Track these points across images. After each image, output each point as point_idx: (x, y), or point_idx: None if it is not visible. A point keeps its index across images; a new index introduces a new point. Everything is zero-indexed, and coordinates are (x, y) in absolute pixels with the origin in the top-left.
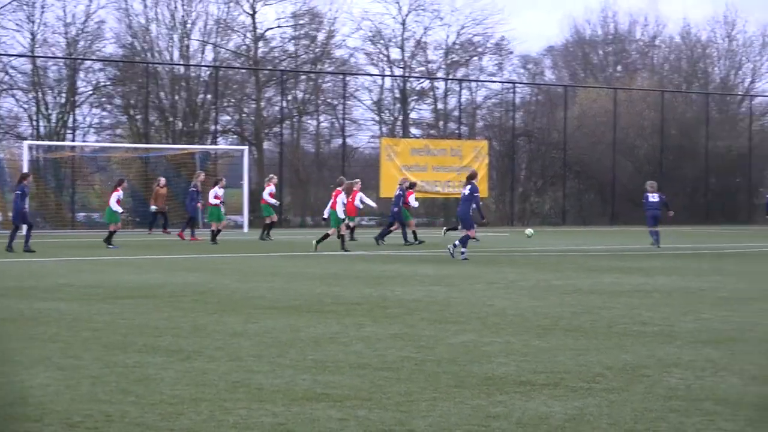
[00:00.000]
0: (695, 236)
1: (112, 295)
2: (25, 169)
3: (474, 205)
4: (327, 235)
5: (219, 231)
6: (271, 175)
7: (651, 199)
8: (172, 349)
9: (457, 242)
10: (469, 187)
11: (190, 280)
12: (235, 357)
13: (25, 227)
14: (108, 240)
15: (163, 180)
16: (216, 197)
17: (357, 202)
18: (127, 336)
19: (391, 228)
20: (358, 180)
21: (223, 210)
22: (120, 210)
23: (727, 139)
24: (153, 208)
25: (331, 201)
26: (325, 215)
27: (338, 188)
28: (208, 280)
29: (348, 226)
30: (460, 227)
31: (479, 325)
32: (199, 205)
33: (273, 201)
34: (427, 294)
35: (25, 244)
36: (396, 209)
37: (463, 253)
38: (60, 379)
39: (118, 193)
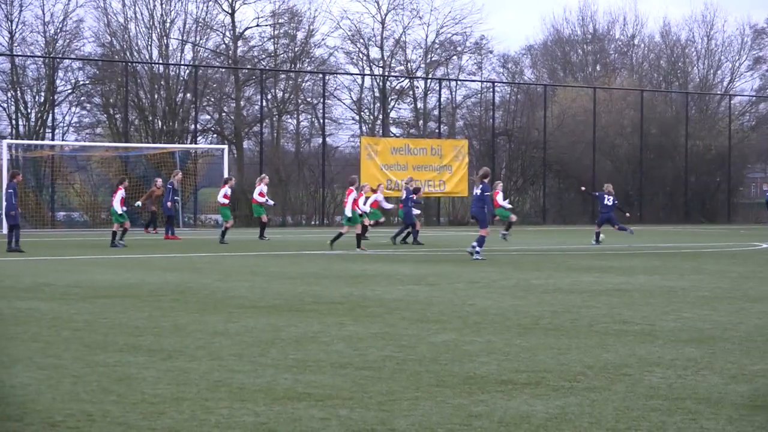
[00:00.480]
0: (675, 235)
1: (92, 295)
2: (5, 168)
3: (486, 205)
4: (360, 235)
5: (227, 229)
6: (263, 175)
7: (606, 203)
8: (153, 349)
9: (474, 243)
10: (481, 186)
11: (169, 279)
12: (216, 356)
13: (6, 226)
14: (115, 240)
15: (159, 181)
16: (225, 197)
17: (361, 206)
18: (107, 335)
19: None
20: (366, 184)
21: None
22: (120, 211)
23: (707, 139)
24: (138, 203)
25: (345, 199)
26: (348, 213)
27: (350, 187)
28: (188, 280)
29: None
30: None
31: (460, 324)
32: (169, 204)
33: (263, 200)
34: (408, 293)
35: (8, 245)
36: (406, 210)
37: (478, 252)
38: (41, 379)
39: (121, 192)
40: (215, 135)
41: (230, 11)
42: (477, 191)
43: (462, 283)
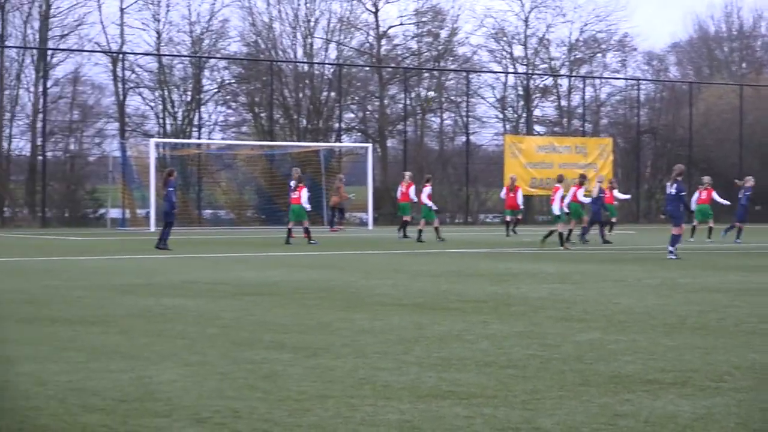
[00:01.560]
0: None
1: (237, 292)
2: (152, 167)
3: (682, 203)
4: (551, 233)
5: (437, 229)
6: (428, 175)
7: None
8: (299, 346)
9: (671, 247)
10: (676, 185)
11: (312, 276)
12: (361, 354)
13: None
14: (309, 237)
15: (342, 176)
16: (429, 196)
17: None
18: (253, 332)
19: (612, 221)
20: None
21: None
22: (309, 207)
23: None
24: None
25: (569, 196)
26: (556, 212)
27: (557, 184)
28: (331, 277)
29: (509, 221)
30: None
31: (605, 323)
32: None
33: (430, 203)
34: (553, 292)
35: (160, 241)
36: (596, 207)
37: (671, 252)
38: (187, 375)
39: (305, 190)
40: (359, 133)
41: (374, 10)
42: (672, 190)
43: (606, 281)
